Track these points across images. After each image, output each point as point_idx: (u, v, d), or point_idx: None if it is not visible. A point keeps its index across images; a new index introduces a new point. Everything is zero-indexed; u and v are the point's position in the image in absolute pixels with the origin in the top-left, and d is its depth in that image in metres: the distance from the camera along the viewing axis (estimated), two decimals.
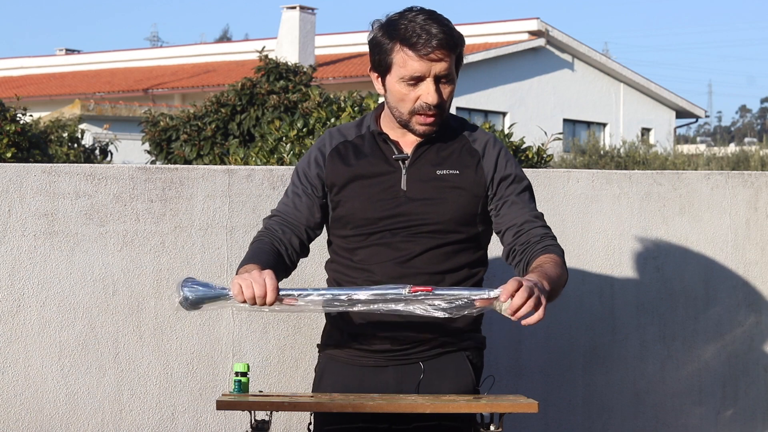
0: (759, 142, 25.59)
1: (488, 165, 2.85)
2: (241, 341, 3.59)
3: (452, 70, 2.76)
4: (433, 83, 2.74)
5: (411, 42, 2.72)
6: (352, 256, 2.84)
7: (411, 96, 2.75)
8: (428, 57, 2.71)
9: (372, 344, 2.82)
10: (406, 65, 2.73)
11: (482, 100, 26.34)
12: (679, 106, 31.53)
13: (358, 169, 2.83)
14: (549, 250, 2.75)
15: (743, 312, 4.16)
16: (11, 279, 3.44)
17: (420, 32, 2.71)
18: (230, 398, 2.62)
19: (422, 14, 2.75)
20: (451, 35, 2.73)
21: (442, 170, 2.82)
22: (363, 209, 2.80)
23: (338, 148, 2.87)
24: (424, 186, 2.80)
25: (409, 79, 2.74)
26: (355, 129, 2.91)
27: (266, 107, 10.54)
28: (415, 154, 2.83)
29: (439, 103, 2.75)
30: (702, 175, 4.13)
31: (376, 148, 2.85)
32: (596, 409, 4.01)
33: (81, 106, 22.74)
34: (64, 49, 36.70)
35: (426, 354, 2.82)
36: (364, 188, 2.81)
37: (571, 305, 3.97)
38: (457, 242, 2.81)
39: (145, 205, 3.53)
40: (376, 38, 2.79)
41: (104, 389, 3.50)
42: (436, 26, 2.72)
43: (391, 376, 2.82)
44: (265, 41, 22.14)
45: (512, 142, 5.44)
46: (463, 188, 2.81)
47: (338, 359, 2.87)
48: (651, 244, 4.05)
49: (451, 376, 2.84)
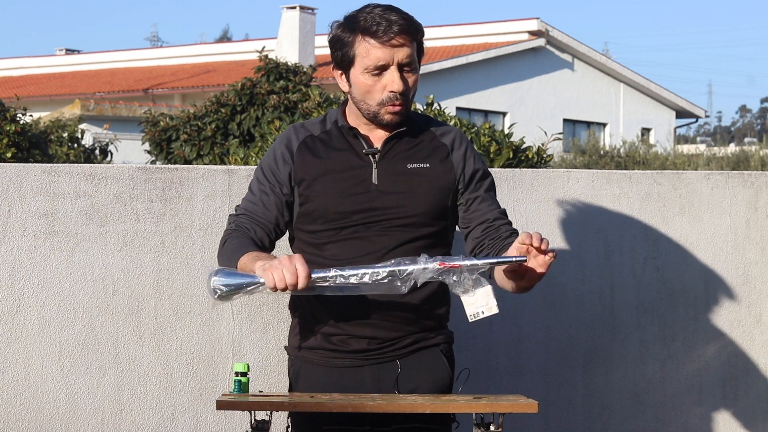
0: (759, 142, 25.59)
1: (457, 159, 2.89)
2: (241, 341, 3.59)
3: (414, 58, 2.79)
4: (397, 71, 2.76)
5: (371, 30, 2.75)
6: (320, 252, 2.83)
7: (377, 87, 2.78)
8: (390, 43, 2.74)
9: (348, 345, 2.84)
10: (369, 54, 2.76)
11: (482, 100, 26.34)
12: (679, 106, 31.53)
13: (328, 163, 2.83)
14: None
15: (743, 312, 4.16)
16: (11, 279, 3.44)
17: (380, 20, 2.75)
18: (230, 398, 2.62)
19: (380, 7, 2.80)
20: (411, 21, 2.77)
21: (412, 164, 2.85)
22: (335, 203, 2.80)
23: (306, 142, 2.87)
24: (396, 179, 2.82)
25: (374, 69, 2.76)
26: (320, 125, 2.92)
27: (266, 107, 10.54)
28: (384, 148, 2.84)
29: (404, 91, 2.78)
30: (702, 175, 4.13)
31: (345, 142, 2.86)
32: (596, 409, 4.01)
33: (81, 106, 22.74)
34: (64, 49, 36.70)
35: (401, 351, 2.85)
36: (335, 182, 2.81)
37: (571, 305, 3.97)
38: (429, 236, 2.83)
39: (145, 205, 3.53)
40: (337, 35, 2.82)
41: (104, 389, 3.50)
42: (395, 14, 2.76)
43: (368, 376, 2.84)
44: (265, 41, 22.13)
45: (512, 142, 5.44)
46: (433, 181, 2.84)
47: (312, 361, 2.88)
48: (651, 244, 4.05)
49: (427, 370, 2.87)
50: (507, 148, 5.28)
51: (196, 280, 3.55)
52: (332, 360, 2.85)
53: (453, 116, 5.61)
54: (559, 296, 3.95)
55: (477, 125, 5.60)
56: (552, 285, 3.92)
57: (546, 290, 3.92)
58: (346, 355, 2.84)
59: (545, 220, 3.90)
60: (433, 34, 28.52)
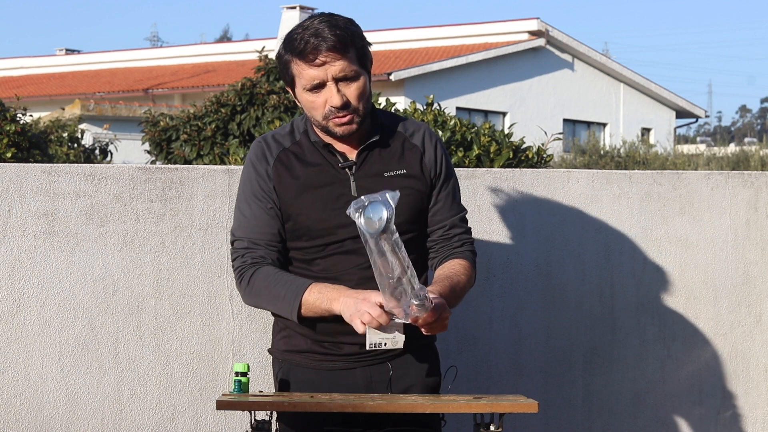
0: (759, 142, 25.60)
1: (429, 160, 2.90)
2: (241, 341, 3.59)
3: (353, 68, 2.75)
4: (334, 85, 2.74)
5: (299, 52, 2.74)
6: (310, 267, 2.83)
7: (318, 102, 2.77)
8: (318, 62, 2.72)
9: (340, 348, 2.84)
10: (302, 75, 2.76)
11: (482, 100, 26.33)
12: (679, 106, 31.53)
13: (306, 180, 2.82)
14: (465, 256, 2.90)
15: (743, 312, 4.16)
16: (11, 279, 3.44)
17: (309, 39, 2.73)
18: (230, 398, 2.62)
19: (317, 19, 2.78)
20: (341, 36, 2.72)
21: (389, 172, 2.85)
22: (318, 220, 2.80)
23: (280, 158, 2.85)
24: (375, 190, 2.80)
25: (311, 88, 2.76)
26: (289, 137, 2.89)
27: (266, 107, 10.53)
28: (359, 158, 2.84)
29: (344, 104, 2.75)
30: (702, 175, 4.13)
31: (319, 156, 2.85)
32: (596, 409, 4.01)
33: (81, 106, 22.73)
34: (64, 49, 36.70)
35: (391, 353, 2.84)
36: (315, 198, 2.81)
37: (571, 305, 3.97)
38: (410, 241, 2.81)
39: (145, 205, 3.53)
40: (278, 54, 2.83)
41: (104, 389, 3.49)
42: (328, 29, 2.72)
43: (360, 377, 2.85)
44: (265, 41, 22.10)
45: (512, 142, 5.44)
46: (411, 187, 2.85)
47: (302, 364, 2.88)
48: (651, 244, 4.05)
49: (418, 368, 2.89)
50: (507, 148, 5.28)
51: (196, 280, 3.55)
52: (323, 363, 2.85)
53: (453, 116, 5.60)
54: (559, 296, 3.95)
55: (477, 125, 5.60)
56: (552, 285, 3.93)
57: (546, 290, 3.92)
58: (337, 358, 2.85)
59: (545, 220, 3.90)
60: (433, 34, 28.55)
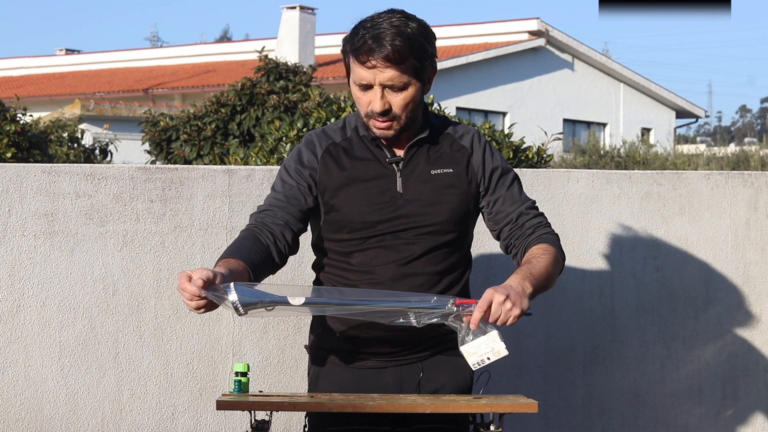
0: (759, 142, 25.59)
1: (477, 161, 2.89)
2: (241, 341, 3.59)
3: (404, 79, 2.73)
4: (379, 91, 2.74)
5: (355, 49, 2.74)
6: (349, 259, 2.83)
7: (364, 100, 2.78)
8: (369, 65, 2.72)
9: (372, 347, 2.83)
10: (354, 71, 2.77)
11: (482, 100, 26.33)
12: (679, 106, 31.52)
13: (352, 173, 2.82)
14: (542, 240, 2.83)
15: (743, 312, 4.16)
16: (11, 279, 3.44)
17: (368, 40, 2.71)
18: (230, 398, 2.62)
19: (388, 19, 2.74)
20: (398, 49, 2.70)
21: (436, 170, 2.84)
22: (361, 213, 2.80)
23: (329, 150, 2.86)
24: (421, 187, 2.81)
25: (360, 86, 2.76)
26: (340, 132, 2.90)
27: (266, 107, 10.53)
28: (407, 155, 2.84)
29: (384, 111, 2.75)
30: (702, 175, 4.13)
31: (367, 151, 2.85)
32: (596, 409, 4.01)
33: (81, 106, 22.73)
34: (64, 49, 36.68)
35: (423, 354, 2.85)
36: (360, 192, 2.81)
37: (571, 305, 3.97)
38: (452, 242, 2.83)
39: (145, 205, 3.53)
40: (344, 38, 2.82)
41: (104, 389, 3.50)
42: (390, 36, 2.70)
43: (391, 377, 2.84)
44: (265, 41, 22.13)
45: (512, 142, 5.44)
46: (457, 186, 2.84)
47: (333, 362, 2.87)
48: (651, 244, 4.05)
49: (449, 372, 2.88)
50: (507, 148, 5.28)
51: None
52: (354, 361, 2.85)
53: (453, 116, 5.60)
54: (559, 296, 3.95)
55: (477, 125, 5.60)
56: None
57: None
58: (369, 356, 2.84)
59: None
60: None
